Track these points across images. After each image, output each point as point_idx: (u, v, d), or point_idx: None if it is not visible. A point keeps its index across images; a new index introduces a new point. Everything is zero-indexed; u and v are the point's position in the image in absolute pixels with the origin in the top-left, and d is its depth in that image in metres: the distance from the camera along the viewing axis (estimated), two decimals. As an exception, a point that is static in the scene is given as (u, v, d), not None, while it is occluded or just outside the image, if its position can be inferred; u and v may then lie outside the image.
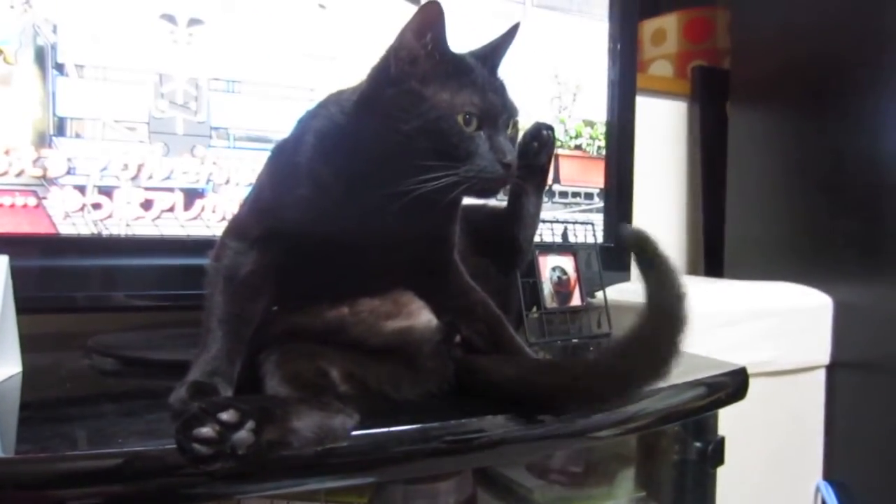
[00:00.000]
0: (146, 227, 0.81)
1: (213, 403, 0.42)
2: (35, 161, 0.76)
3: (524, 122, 1.05)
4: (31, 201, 0.76)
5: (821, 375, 1.19)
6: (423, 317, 0.61)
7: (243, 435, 0.41)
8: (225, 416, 0.40)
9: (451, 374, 0.60)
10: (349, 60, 0.91)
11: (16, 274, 0.65)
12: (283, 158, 0.60)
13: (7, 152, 0.75)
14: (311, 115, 0.60)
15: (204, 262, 0.59)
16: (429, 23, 0.53)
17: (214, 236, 0.63)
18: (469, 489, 0.78)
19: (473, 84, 0.55)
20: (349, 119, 0.57)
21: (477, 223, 0.75)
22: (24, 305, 0.67)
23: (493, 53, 0.60)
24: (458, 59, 0.56)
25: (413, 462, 0.54)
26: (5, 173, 0.75)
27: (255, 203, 0.61)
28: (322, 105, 0.60)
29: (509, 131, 0.57)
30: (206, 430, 0.40)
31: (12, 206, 0.75)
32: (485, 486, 0.87)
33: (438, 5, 0.52)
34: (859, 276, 1.16)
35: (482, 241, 0.76)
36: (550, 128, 0.78)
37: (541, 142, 0.77)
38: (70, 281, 0.77)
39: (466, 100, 0.54)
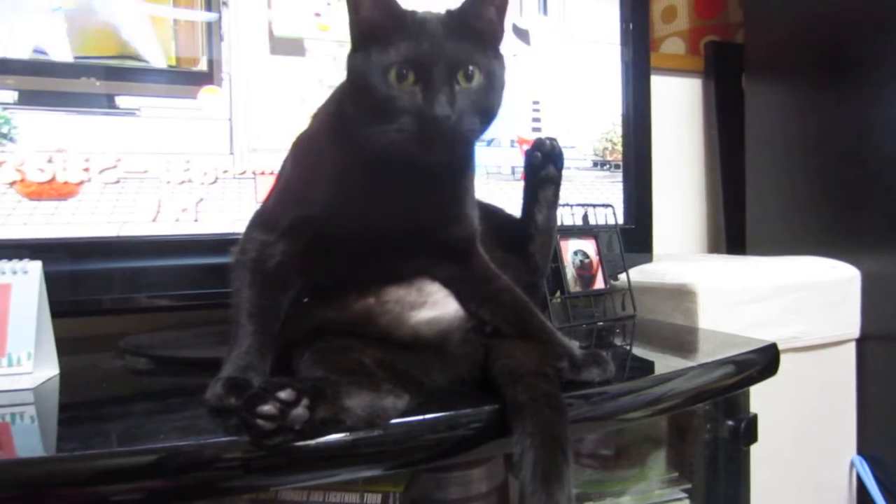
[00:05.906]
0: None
1: (272, 383, 0.44)
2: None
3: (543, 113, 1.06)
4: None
5: (851, 349, 1.17)
6: (450, 306, 0.61)
7: (299, 412, 0.44)
8: (283, 394, 0.44)
9: (481, 359, 0.59)
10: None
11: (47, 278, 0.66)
12: (306, 148, 0.61)
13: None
14: (325, 104, 0.62)
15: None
16: None
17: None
18: (501, 475, 0.78)
19: (408, 37, 0.51)
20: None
21: (498, 226, 0.74)
22: (57, 309, 0.68)
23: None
24: (399, 14, 0.52)
25: (446, 450, 0.54)
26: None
27: (282, 194, 0.61)
28: (332, 94, 0.62)
29: (463, 84, 0.52)
30: (268, 408, 0.43)
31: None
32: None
33: None
34: (887, 246, 1.14)
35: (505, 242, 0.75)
36: (553, 139, 0.77)
37: (544, 152, 0.76)
38: (99, 283, 0.78)
39: (393, 55, 0.51)
